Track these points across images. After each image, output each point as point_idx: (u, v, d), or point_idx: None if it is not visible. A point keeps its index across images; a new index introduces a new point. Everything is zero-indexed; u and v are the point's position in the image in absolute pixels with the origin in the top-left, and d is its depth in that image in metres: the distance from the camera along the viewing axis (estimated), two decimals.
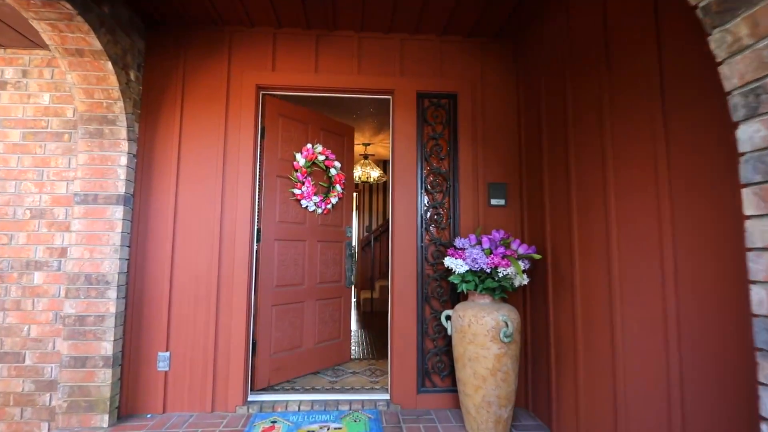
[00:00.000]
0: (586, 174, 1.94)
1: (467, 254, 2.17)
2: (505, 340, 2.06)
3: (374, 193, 7.33)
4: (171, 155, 2.61)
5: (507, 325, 2.08)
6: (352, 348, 3.92)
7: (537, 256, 2.16)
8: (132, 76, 2.53)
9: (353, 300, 7.53)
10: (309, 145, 3.03)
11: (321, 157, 3.05)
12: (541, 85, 2.42)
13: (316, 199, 3.03)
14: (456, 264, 2.18)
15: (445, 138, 2.78)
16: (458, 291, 2.22)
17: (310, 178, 2.98)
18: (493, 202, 2.72)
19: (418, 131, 2.76)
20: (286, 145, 2.93)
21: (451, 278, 2.23)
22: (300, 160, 2.94)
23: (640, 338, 1.59)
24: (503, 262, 2.08)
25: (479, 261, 2.12)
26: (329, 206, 3.13)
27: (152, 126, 2.63)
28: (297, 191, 2.92)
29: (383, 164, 7.27)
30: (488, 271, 2.12)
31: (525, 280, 2.16)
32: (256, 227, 2.70)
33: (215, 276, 2.55)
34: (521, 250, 2.21)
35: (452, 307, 2.65)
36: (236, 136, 2.65)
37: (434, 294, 2.66)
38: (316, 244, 3.11)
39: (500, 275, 2.11)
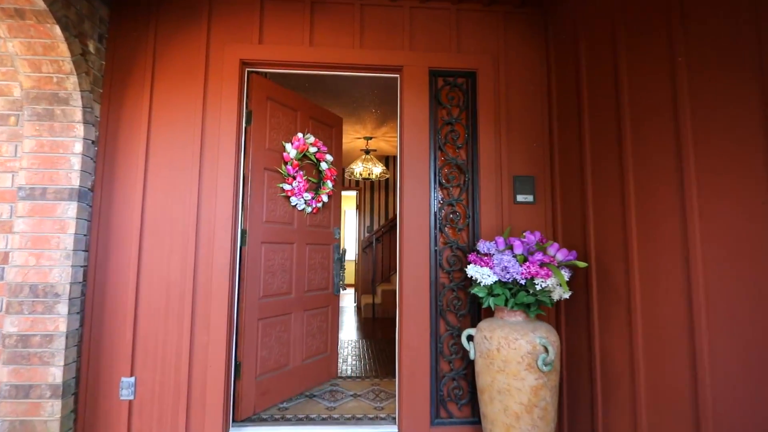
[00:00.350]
0: (651, 157, 1.53)
1: (495, 261, 1.76)
2: (545, 368, 1.65)
3: (376, 191, 6.93)
4: (138, 142, 2.20)
5: (547, 351, 1.67)
6: (353, 362, 3.52)
7: (582, 264, 1.75)
8: (91, 47, 2.12)
9: (354, 304, 7.12)
10: (300, 135, 2.61)
11: (312, 149, 2.64)
12: (581, 56, 2.01)
13: (308, 196, 2.62)
14: (481, 273, 1.77)
15: (463, 123, 2.37)
16: (484, 306, 1.81)
17: (302, 173, 2.57)
18: (519, 198, 2.31)
19: (431, 115, 2.35)
20: (275, 133, 2.52)
21: (475, 290, 1.82)
22: (291, 151, 2.52)
23: (738, 380, 1.17)
24: (542, 272, 1.67)
25: (511, 270, 1.71)
26: (319, 205, 2.72)
27: (116, 108, 2.22)
28: (287, 187, 2.51)
29: (385, 160, 6.86)
30: (522, 282, 1.71)
31: (567, 293, 1.75)
32: (240, 228, 2.29)
33: (190, 286, 2.13)
34: (560, 256, 1.80)
35: (473, 324, 2.24)
36: (216, 121, 2.24)
37: (451, 307, 2.25)
38: (305, 248, 2.70)
39: (537, 288, 1.70)
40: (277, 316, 2.49)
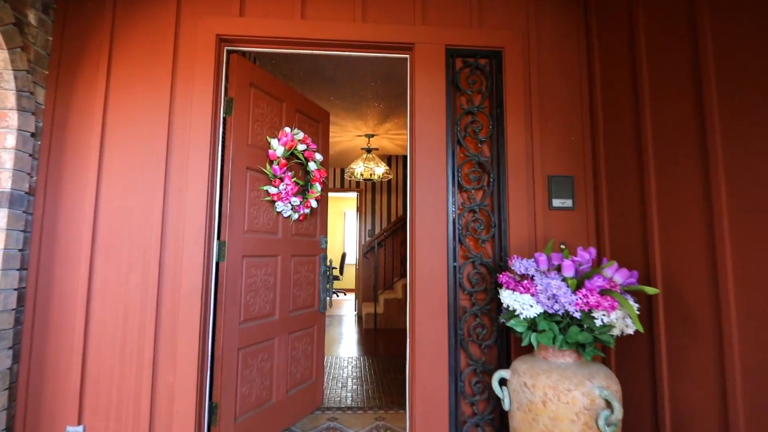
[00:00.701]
0: (754, 151, 1.13)
1: (540, 287, 1.36)
2: (608, 430, 1.24)
3: (377, 193, 6.52)
4: (92, 136, 1.80)
5: (610, 407, 1.26)
6: (353, 387, 3.11)
7: (652, 290, 1.34)
8: (31, 18, 1.72)
9: (354, 312, 6.72)
10: (287, 129, 2.21)
11: (301, 147, 2.23)
12: (638, 32, 1.60)
13: (296, 201, 2.21)
14: (522, 303, 1.36)
15: (486, 112, 1.97)
16: (524, 344, 1.40)
17: (290, 173, 2.16)
18: (556, 203, 1.90)
19: (448, 103, 1.94)
20: (258, 126, 2.12)
21: (511, 323, 1.41)
22: (277, 148, 2.12)
23: None
24: (605, 303, 1.26)
25: (562, 299, 1.30)
26: (307, 211, 2.32)
27: (66, 93, 1.81)
28: (273, 190, 2.10)
29: (387, 160, 6.46)
30: (576, 315, 1.31)
31: (630, 328, 1.35)
32: (215, 240, 1.88)
33: (153, 311, 1.73)
34: (619, 278, 1.39)
35: (502, 359, 1.83)
36: (187, 109, 1.84)
37: (473, 336, 1.85)
38: (290, 260, 2.30)
39: (597, 323, 1.29)
40: (260, 343, 2.09)
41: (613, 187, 1.77)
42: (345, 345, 4.56)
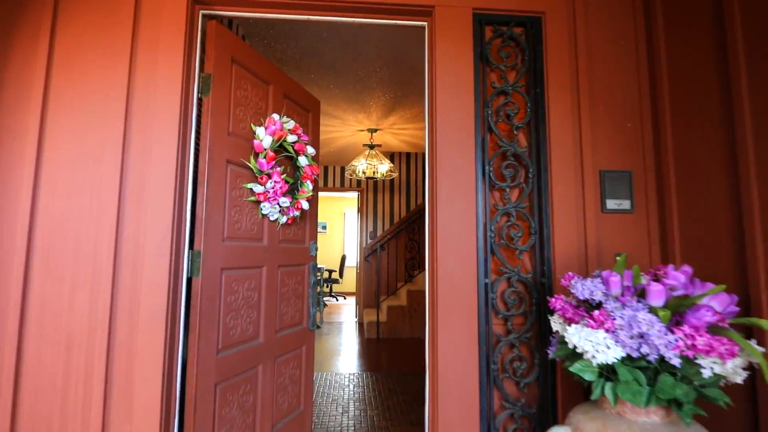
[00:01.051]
0: None
1: (621, 320, 0.99)
2: None
3: (379, 192, 6.15)
4: (28, 120, 1.42)
5: None
6: (355, 413, 2.74)
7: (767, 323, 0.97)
8: None
9: (355, 319, 6.35)
10: (276, 116, 1.82)
11: (291, 138, 1.85)
12: None
13: (285, 201, 1.83)
14: (594, 342, 0.99)
15: (522, 92, 1.60)
16: (594, 397, 1.03)
17: (278, 169, 1.78)
18: (611, 204, 1.53)
19: (476, 81, 1.57)
20: (241, 112, 1.74)
21: (576, 369, 1.04)
22: (264, 138, 1.74)
23: None
24: (720, 346, 0.89)
25: (654, 339, 0.93)
26: (297, 213, 1.93)
27: None
28: (258, 188, 1.72)
29: (390, 158, 6.09)
30: (674, 361, 0.93)
31: (739, 377, 0.97)
32: (186, 250, 1.51)
33: (104, 341, 1.35)
34: (718, 306, 1.01)
35: (546, 399, 1.46)
36: (149, 88, 1.47)
37: (509, 371, 1.48)
38: (276, 272, 1.93)
39: (706, 374, 0.92)
40: (242, 374, 1.71)
41: (686, 187, 1.40)
42: (345, 358, 4.19)
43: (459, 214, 1.49)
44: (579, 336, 1.01)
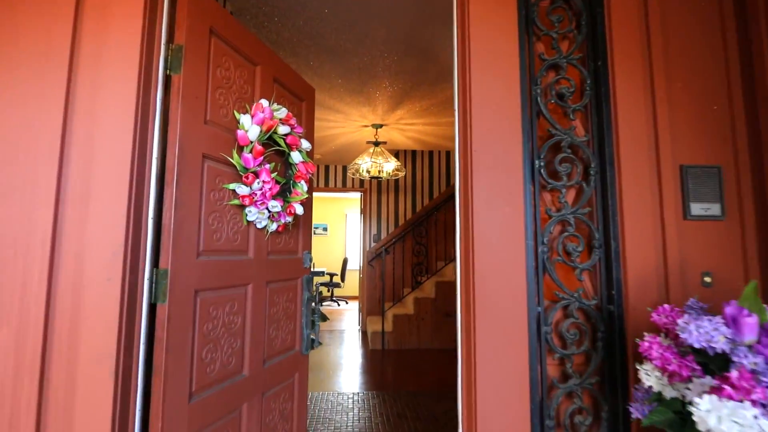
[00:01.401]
0: None
1: None
2: None
3: (384, 193, 5.81)
4: None
5: None
6: None
7: None
8: None
9: (358, 327, 6.01)
10: (264, 103, 1.47)
11: (282, 129, 1.49)
12: None
13: (276, 205, 1.48)
14: (742, 424, 0.64)
15: (579, 65, 1.25)
16: None
17: (267, 166, 1.42)
18: (696, 208, 1.19)
19: (521, 51, 1.23)
20: (222, 96, 1.40)
21: None
22: (251, 128, 1.39)
23: None
24: None
25: None
26: (290, 219, 1.57)
27: None
28: (243, 190, 1.36)
29: (395, 156, 5.74)
30: None
31: None
32: (147, 269, 1.17)
33: (32, 395, 1.01)
34: None
35: None
36: (98, 58, 1.13)
37: (568, 426, 1.13)
38: (264, 290, 1.58)
39: None
40: (222, 419, 1.37)
41: None
42: (347, 373, 3.85)
43: (503, 221, 1.15)
44: (718, 414, 0.66)
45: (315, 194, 8.70)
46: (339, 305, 8.13)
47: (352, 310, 7.57)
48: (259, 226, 1.47)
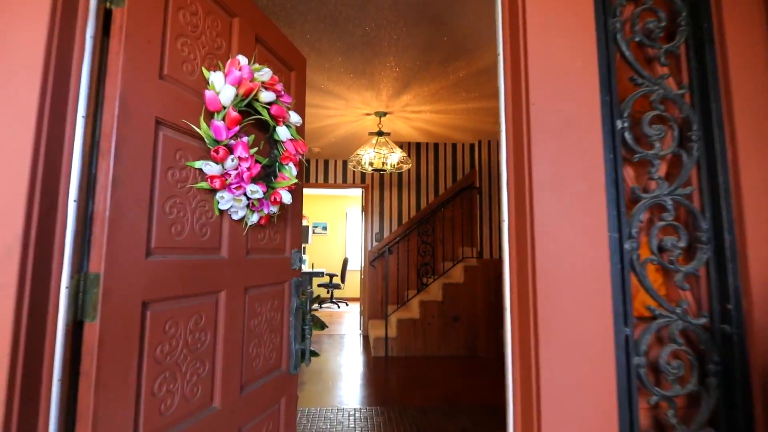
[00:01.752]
0: None
1: None
2: None
3: (386, 189, 5.46)
4: None
5: None
6: None
7: None
8: None
9: (359, 331, 5.66)
10: (242, 59, 1.11)
11: (266, 96, 1.13)
12: None
13: (256, 191, 1.12)
14: None
15: None
16: None
17: (245, 139, 1.07)
18: None
19: None
20: (186, 46, 1.06)
21: None
22: (222, 89, 1.03)
23: None
24: None
25: None
26: (274, 209, 1.21)
27: None
28: (212, 168, 1.01)
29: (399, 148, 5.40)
30: None
31: None
32: (67, 272, 0.82)
33: None
34: None
35: None
36: None
37: None
38: (242, 297, 1.24)
39: None
40: None
41: None
42: (348, 384, 3.50)
43: (575, 204, 0.81)
44: None
45: (314, 191, 8.36)
46: (339, 307, 7.79)
47: (353, 312, 7.23)
48: (234, 217, 1.13)
